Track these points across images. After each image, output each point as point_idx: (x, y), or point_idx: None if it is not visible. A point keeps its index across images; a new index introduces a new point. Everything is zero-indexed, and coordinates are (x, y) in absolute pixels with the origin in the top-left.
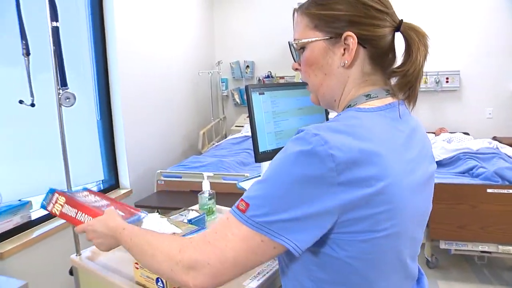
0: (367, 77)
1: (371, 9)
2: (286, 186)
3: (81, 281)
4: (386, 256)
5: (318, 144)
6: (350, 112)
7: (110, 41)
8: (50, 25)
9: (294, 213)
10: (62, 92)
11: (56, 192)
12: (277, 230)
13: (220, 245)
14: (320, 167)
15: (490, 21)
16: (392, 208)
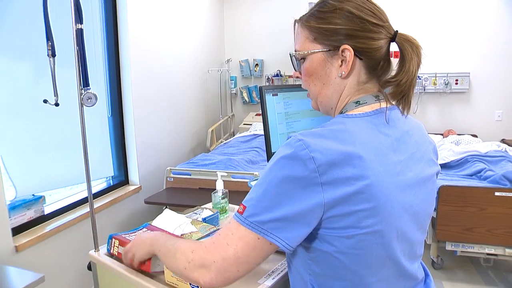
0: (361, 86)
1: (367, 23)
2: (275, 188)
3: (99, 277)
4: (373, 252)
5: (300, 148)
6: (337, 118)
7: (122, 38)
8: (74, 27)
9: (283, 211)
10: (84, 93)
11: (113, 237)
12: (268, 229)
13: (222, 243)
14: (303, 169)
15: (501, 23)
16: (374, 206)
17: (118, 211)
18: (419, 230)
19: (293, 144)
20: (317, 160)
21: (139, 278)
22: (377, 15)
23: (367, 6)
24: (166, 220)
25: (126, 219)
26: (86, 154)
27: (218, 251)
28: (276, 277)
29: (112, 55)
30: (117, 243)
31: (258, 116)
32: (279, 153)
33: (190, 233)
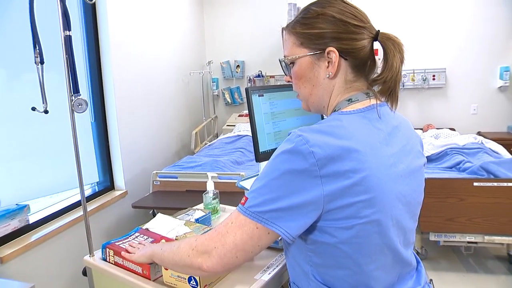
0: (350, 84)
1: (348, 25)
2: (276, 181)
3: (95, 282)
4: (371, 241)
5: (300, 143)
6: (333, 115)
7: (103, 43)
8: (62, 34)
9: (284, 203)
10: (74, 99)
11: (107, 247)
12: (269, 218)
13: (222, 231)
14: (303, 163)
15: (476, 21)
16: (372, 197)
17: (105, 217)
18: (411, 219)
19: (294, 140)
20: (317, 154)
21: (138, 281)
22: (358, 17)
23: (348, 10)
24: (159, 224)
25: (113, 225)
26: (78, 160)
27: (218, 238)
28: (272, 272)
29: (93, 60)
30: (112, 253)
31: (241, 117)
32: (280, 148)
33: (184, 234)
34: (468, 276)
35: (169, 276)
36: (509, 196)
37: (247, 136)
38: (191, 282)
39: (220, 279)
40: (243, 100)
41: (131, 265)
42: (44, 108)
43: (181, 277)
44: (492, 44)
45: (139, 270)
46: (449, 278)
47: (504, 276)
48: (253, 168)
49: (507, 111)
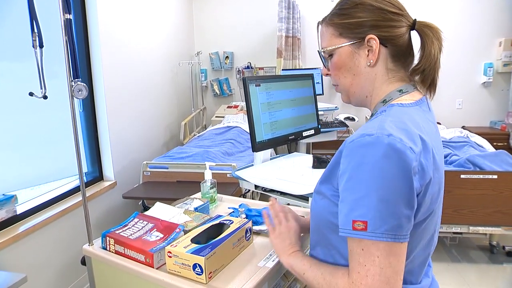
0: (393, 74)
1: (387, 12)
2: (391, 190)
3: (95, 271)
4: (428, 231)
5: (396, 142)
6: (396, 108)
7: (92, 30)
8: (62, 17)
9: (406, 210)
10: (74, 85)
11: (107, 235)
12: (399, 232)
13: (374, 272)
14: (407, 162)
15: (461, 18)
16: (438, 190)
17: (94, 208)
18: None
19: (385, 140)
20: (413, 149)
21: (141, 269)
22: (395, 5)
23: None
24: (159, 212)
25: (103, 215)
26: (78, 148)
27: (379, 280)
28: (276, 259)
29: (81, 47)
30: (112, 242)
31: (229, 108)
32: (372, 153)
33: (185, 222)
34: (452, 265)
35: (172, 264)
36: (493, 188)
37: (237, 128)
38: (195, 270)
39: (224, 266)
40: (232, 91)
41: (133, 254)
42: (43, 94)
43: (185, 265)
44: (476, 41)
45: (142, 259)
46: (435, 268)
47: (486, 265)
48: (243, 159)
49: (490, 106)
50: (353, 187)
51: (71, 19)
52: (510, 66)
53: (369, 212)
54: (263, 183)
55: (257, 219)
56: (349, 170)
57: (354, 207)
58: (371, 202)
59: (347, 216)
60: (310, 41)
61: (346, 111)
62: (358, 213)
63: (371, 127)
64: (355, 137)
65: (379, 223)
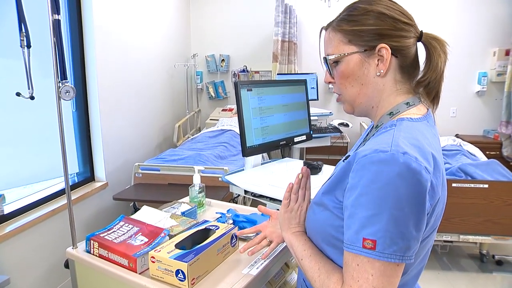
0: (401, 85)
1: (398, 22)
2: (403, 211)
3: (78, 274)
4: (428, 246)
5: (411, 161)
6: (407, 123)
7: (87, 30)
8: (51, 18)
9: (416, 232)
10: (62, 86)
11: (91, 239)
12: (406, 253)
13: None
14: (422, 183)
15: (457, 28)
16: (441, 208)
17: (85, 209)
18: None
19: (400, 159)
20: (428, 169)
21: (124, 273)
22: (406, 15)
23: (395, 7)
24: (145, 216)
25: (93, 217)
26: (64, 149)
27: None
28: (260, 267)
29: (76, 47)
30: (96, 245)
31: (224, 111)
32: (387, 171)
33: (171, 227)
34: (443, 273)
35: (155, 269)
36: (484, 197)
37: (231, 131)
38: (178, 275)
39: (208, 273)
40: (227, 94)
41: (116, 258)
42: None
43: (168, 270)
44: (471, 51)
45: (125, 263)
46: (425, 276)
47: (475, 273)
48: (236, 163)
49: (484, 115)
50: (364, 204)
51: (59, 20)
52: (503, 75)
53: (379, 232)
54: (252, 188)
55: (244, 225)
56: (360, 186)
57: (365, 225)
58: (381, 221)
59: (358, 234)
60: (306, 46)
61: (341, 117)
62: (368, 231)
63: (384, 143)
64: (368, 152)
65: (389, 243)
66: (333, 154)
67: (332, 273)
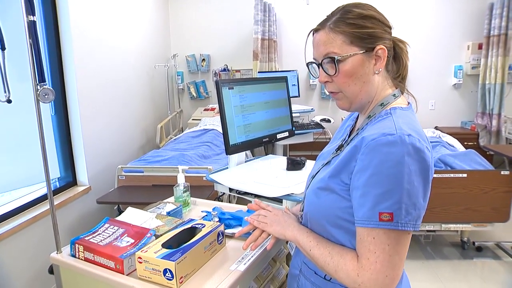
0: (388, 81)
1: (385, 26)
2: (413, 184)
3: (63, 279)
4: None
5: (416, 141)
6: (400, 111)
7: (64, 32)
8: (26, 19)
9: (424, 202)
10: (40, 88)
11: (76, 242)
12: (417, 221)
13: (383, 259)
14: (426, 159)
15: (433, 23)
16: None
17: (68, 214)
18: None
19: (407, 140)
20: (429, 148)
21: (111, 275)
22: (387, 20)
23: (378, 12)
24: (130, 217)
25: (76, 221)
26: (44, 153)
27: (386, 266)
28: (248, 263)
29: (53, 49)
30: (82, 249)
31: (206, 111)
32: (396, 151)
33: (157, 227)
34: (427, 262)
35: (143, 270)
36: (464, 186)
37: (214, 130)
38: (166, 275)
39: (196, 271)
40: (209, 94)
41: (103, 260)
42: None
43: (155, 270)
44: (447, 45)
45: (112, 265)
46: (410, 265)
47: (457, 260)
48: (220, 162)
49: (461, 107)
50: (378, 182)
51: (35, 21)
52: (478, 68)
53: (395, 204)
54: (237, 185)
55: (230, 222)
56: (372, 167)
57: (380, 200)
58: (396, 195)
59: (373, 209)
60: (286, 44)
61: (322, 113)
62: (384, 205)
63: (389, 128)
64: (377, 136)
65: (404, 214)
66: (316, 150)
67: (344, 252)
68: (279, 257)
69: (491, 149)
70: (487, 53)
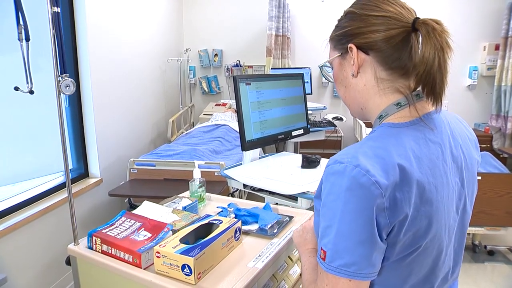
0: (387, 84)
1: (369, 17)
2: (349, 225)
3: (80, 271)
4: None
5: (360, 175)
6: (384, 129)
7: (79, 24)
8: (50, 10)
9: (363, 248)
10: (62, 80)
11: (93, 235)
12: (356, 270)
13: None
14: (369, 198)
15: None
16: (428, 223)
17: (79, 206)
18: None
19: (351, 172)
20: (380, 185)
21: (128, 269)
22: (382, 8)
23: (372, 3)
24: (147, 211)
25: (88, 213)
26: (64, 143)
27: None
28: (266, 260)
29: (68, 41)
30: (99, 241)
31: (217, 106)
32: (338, 185)
33: (173, 222)
34: None
35: (161, 264)
36: (482, 190)
37: (225, 126)
38: (184, 270)
39: (213, 267)
40: (220, 89)
41: (120, 254)
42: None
43: (174, 265)
44: (462, 45)
45: (129, 259)
46: None
47: (468, 263)
48: (231, 158)
49: (475, 108)
50: (323, 215)
51: (59, 13)
52: (493, 69)
53: (329, 243)
54: (252, 182)
55: (246, 219)
56: (324, 196)
57: (322, 235)
58: (331, 234)
59: (320, 242)
60: (299, 40)
61: (334, 111)
62: (323, 241)
63: (346, 153)
64: (331, 162)
65: (335, 256)
66: (328, 148)
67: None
68: (294, 255)
69: (506, 151)
70: (504, 54)
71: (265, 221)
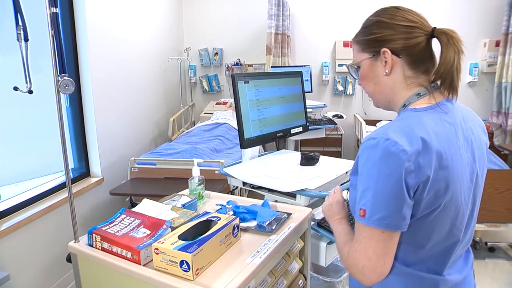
0: (412, 80)
1: (398, 27)
2: (384, 186)
3: (80, 268)
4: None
5: (390, 146)
6: (409, 113)
7: (80, 26)
8: (48, 11)
9: (397, 204)
10: (61, 80)
11: (93, 232)
12: (390, 222)
13: (360, 248)
14: (399, 163)
15: (449, 20)
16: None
17: (81, 205)
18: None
19: (383, 144)
20: (407, 151)
21: (127, 265)
22: (408, 18)
23: (399, 14)
24: (146, 209)
25: (89, 212)
26: (64, 143)
27: (361, 257)
28: (263, 256)
29: (68, 41)
30: (99, 239)
31: (218, 105)
32: (373, 155)
33: (172, 219)
34: None
35: (159, 261)
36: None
37: (226, 124)
38: (182, 266)
39: (211, 263)
40: (221, 88)
41: (120, 250)
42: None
43: (172, 262)
44: (463, 42)
45: (129, 255)
46: None
47: None
48: (232, 156)
49: (475, 105)
50: (360, 181)
51: (57, 13)
52: (494, 66)
53: (367, 202)
54: (251, 180)
55: (244, 216)
56: (360, 167)
57: (361, 197)
58: (369, 195)
59: (358, 204)
60: (299, 39)
61: (335, 109)
62: (362, 202)
63: (378, 131)
64: (365, 139)
65: (374, 211)
66: (328, 146)
67: (349, 242)
68: (293, 251)
69: (507, 148)
70: (504, 50)
71: (263, 218)
